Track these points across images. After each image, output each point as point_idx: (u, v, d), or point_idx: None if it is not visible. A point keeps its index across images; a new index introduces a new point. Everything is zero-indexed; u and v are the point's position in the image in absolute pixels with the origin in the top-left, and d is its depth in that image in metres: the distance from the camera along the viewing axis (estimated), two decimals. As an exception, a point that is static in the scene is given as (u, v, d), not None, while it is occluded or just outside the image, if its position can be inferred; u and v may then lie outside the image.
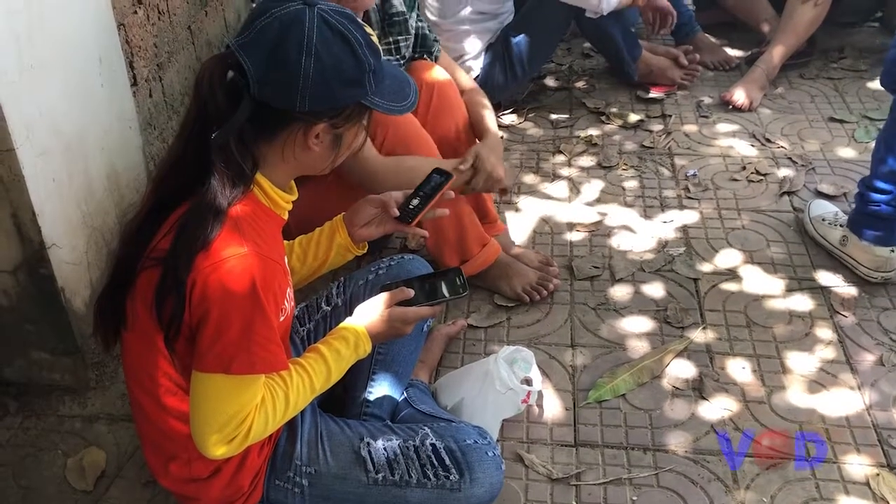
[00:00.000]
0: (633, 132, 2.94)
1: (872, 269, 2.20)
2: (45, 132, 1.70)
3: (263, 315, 1.24)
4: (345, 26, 1.26)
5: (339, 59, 1.25)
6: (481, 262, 2.18)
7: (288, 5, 1.26)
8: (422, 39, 2.18)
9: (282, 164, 1.34)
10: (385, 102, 1.33)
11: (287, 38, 1.23)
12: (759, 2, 3.35)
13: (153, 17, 2.56)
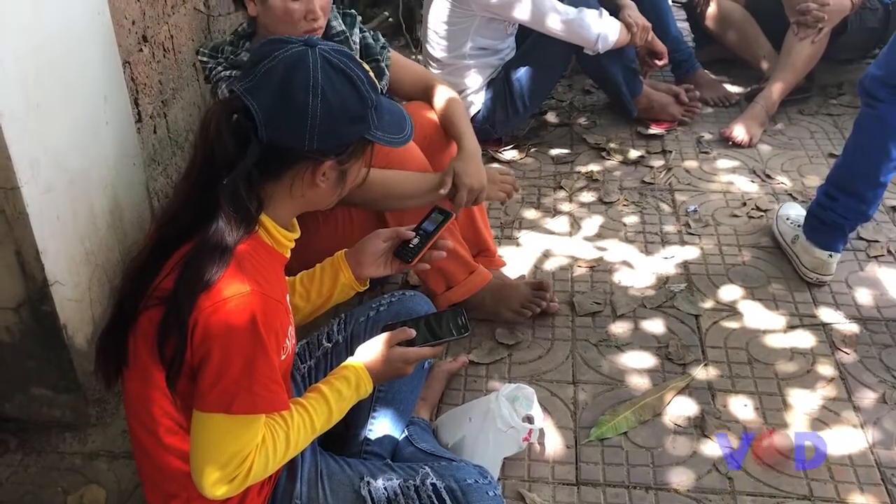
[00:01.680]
0: (633, 168, 2.96)
1: (810, 270, 2.34)
2: (50, 170, 1.71)
3: (265, 354, 1.25)
4: (346, 65, 1.30)
5: (345, 98, 1.29)
6: (468, 288, 2.18)
7: (289, 47, 1.29)
8: (366, 50, 2.14)
9: (287, 203, 1.36)
10: (386, 135, 1.38)
11: (293, 79, 1.26)
12: (758, 39, 3.38)
13: (158, 55, 2.59)
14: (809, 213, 2.34)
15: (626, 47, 2.94)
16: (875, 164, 2.19)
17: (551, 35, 2.81)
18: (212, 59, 1.93)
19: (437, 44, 2.96)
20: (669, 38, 3.28)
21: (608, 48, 2.84)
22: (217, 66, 1.91)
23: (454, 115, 2.15)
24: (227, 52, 1.93)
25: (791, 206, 2.56)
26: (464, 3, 2.82)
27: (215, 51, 1.95)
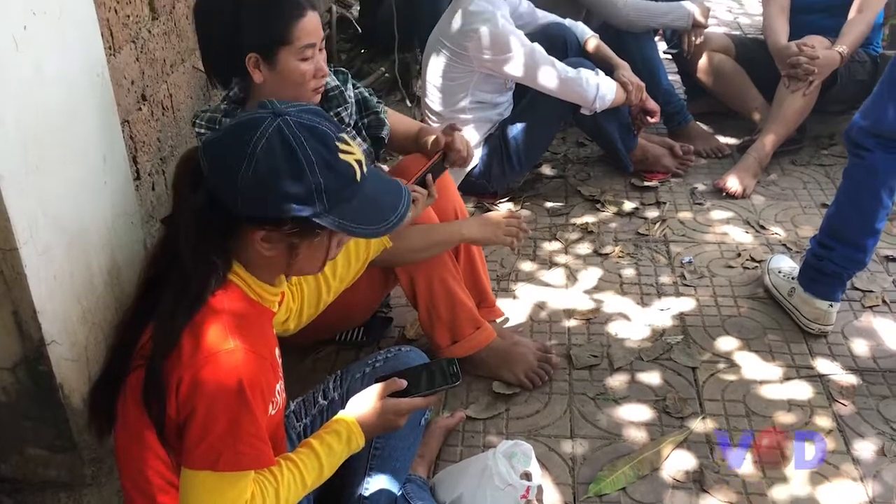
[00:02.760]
0: (628, 219, 2.98)
1: (811, 321, 2.35)
2: (47, 230, 1.73)
3: (250, 412, 1.26)
4: (300, 141, 1.26)
5: (279, 174, 1.25)
6: (474, 343, 2.19)
7: (258, 111, 1.30)
8: (364, 103, 2.19)
9: (254, 260, 1.35)
10: (343, 222, 1.31)
11: (236, 141, 1.26)
12: (749, 91, 3.43)
13: (157, 113, 2.63)
14: (806, 264, 2.36)
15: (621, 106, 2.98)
16: (869, 213, 2.20)
17: (548, 93, 2.85)
18: (209, 131, 1.95)
19: (435, 97, 3.01)
20: (661, 90, 3.33)
21: (605, 108, 2.88)
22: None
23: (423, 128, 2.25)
24: (224, 124, 1.94)
25: (781, 258, 2.58)
26: (462, 58, 2.87)
27: (212, 122, 1.96)
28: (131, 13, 2.45)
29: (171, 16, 2.72)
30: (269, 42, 1.86)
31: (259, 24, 1.86)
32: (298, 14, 1.86)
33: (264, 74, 1.89)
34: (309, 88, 1.92)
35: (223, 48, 1.91)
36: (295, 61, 1.87)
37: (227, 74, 1.98)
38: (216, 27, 1.90)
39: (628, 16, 3.29)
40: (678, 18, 3.33)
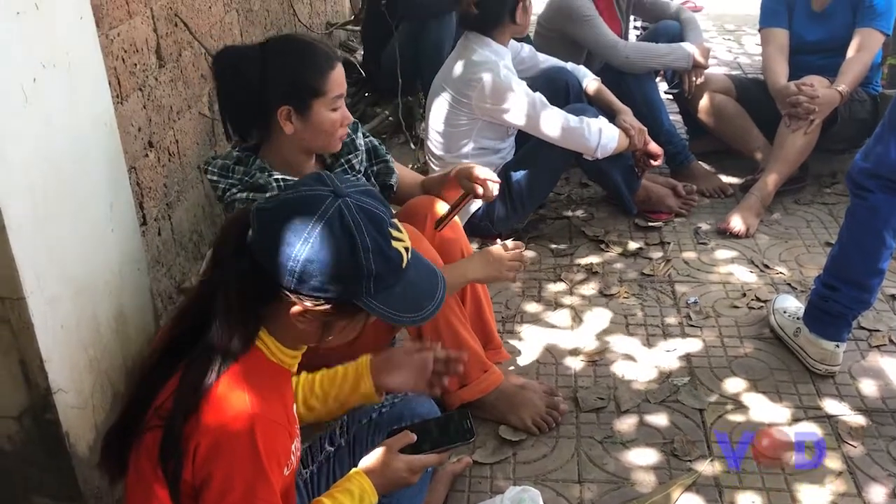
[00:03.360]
0: (632, 260, 2.99)
1: (818, 361, 2.34)
2: (55, 280, 1.73)
3: (265, 480, 1.25)
4: (358, 226, 1.28)
5: (335, 257, 1.26)
6: (482, 387, 2.18)
7: (318, 188, 1.30)
8: (374, 151, 2.24)
9: (286, 328, 1.35)
10: (386, 309, 1.32)
11: (295, 217, 1.27)
12: (751, 131, 3.45)
13: (164, 159, 2.66)
14: (811, 304, 2.35)
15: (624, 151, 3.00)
16: (872, 253, 2.21)
17: (550, 141, 2.87)
18: (223, 179, 1.96)
19: (438, 143, 3.03)
20: (663, 131, 3.36)
21: (607, 154, 2.91)
22: (231, 186, 1.94)
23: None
24: (238, 171, 1.96)
25: (786, 298, 2.58)
26: (465, 105, 2.89)
27: (225, 170, 1.98)
28: (138, 62, 2.48)
29: (177, 63, 2.76)
30: (303, 94, 1.91)
31: (293, 78, 1.91)
32: (330, 66, 1.92)
33: (295, 126, 1.93)
34: (337, 137, 1.99)
35: (250, 102, 1.94)
36: (327, 112, 1.93)
37: (249, 127, 2.00)
38: (243, 82, 1.92)
39: (629, 57, 3.33)
40: (678, 59, 3.37)
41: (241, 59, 1.94)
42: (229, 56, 1.97)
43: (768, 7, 3.42)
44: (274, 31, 3.77)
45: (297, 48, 1.95)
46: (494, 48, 2.90)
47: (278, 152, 1.99)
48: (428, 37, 3.82)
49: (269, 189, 1.89)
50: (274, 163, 1.97)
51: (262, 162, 1.96)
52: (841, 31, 3.25)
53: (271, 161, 1.97)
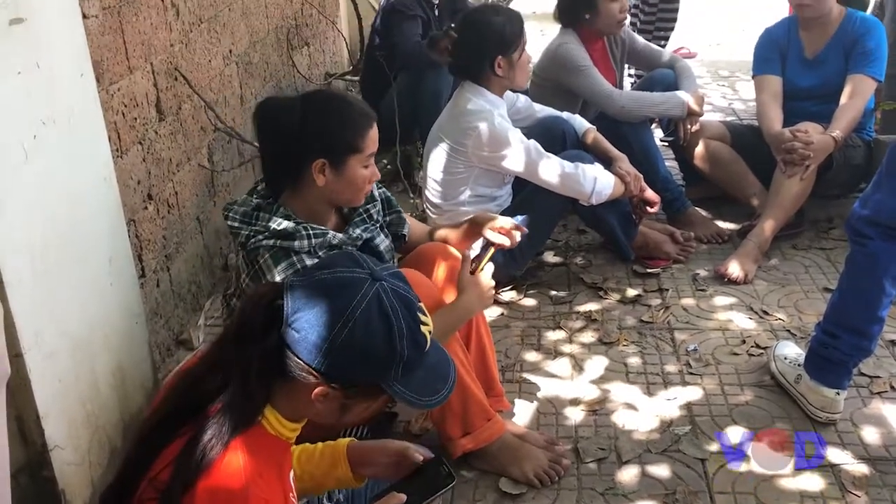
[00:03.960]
0: (631, 307, 2.99)
1: (819, 409, 2.33)
2: (53, 335, 1.74)
3: None
4: (395, 311, 1.28)
5: (372, 341, 1.26)
6: (485, 437, 2.16)
7: (355, 270, 1.31)
8: (388, 202, 2.29)
9: (294, 404, 1.33)
10: (408, 392, 1.32)
11: (334, 299, 1.26)
12: (746, 177, 3.47)
13: (163, 211, 2.67)
14: (811, 351, 2.35)
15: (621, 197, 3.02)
16: (872, 301, 2.21)
17: (547, 187, 2.89)
18: (246, 226, 1.97)
19: (436, 191, 3.05)
20: (659, 177, 3.38)
21: (602, 200, 2.92)
22: (255, 234, 1.94)
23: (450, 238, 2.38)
24: (263, 218, 1.97)
25: (786, 344, 2.57)
26: (462, 154, 2.92)
27: (247, 217, 1.99)
28: (138, 115, 2.51)
29: (177, 116, 2.79)
30: (341, 149, 1.96)
31: (333, 133, 1.96)
32: (368, 125, 1.99)
33: (328, 178, 1.97)
34: (365, 192, 2.06)
35: (287, 153, 1.98)
36: (360, 168, 1.99)
37: (284, 176, 2.02)
38: (282, 133, 1.96)
39: (624, 106, 3.36)
40: (673, 107, 3.40)
41: (281, 110, 1.98)
42: (270, 107, 2.01)
43: (761, 54, 3.47)
44: (273, 82, 3.82)
45: (337, 104, 2.01)
46: (489, 98, 2.93)
47: (303, 201, 2.02)
48: (425, 87, 3.86)
49: (297, 237, 1.92)
50: (297, 211, 1.99)
51: (286, 209, 1.98)
52: (834, 78, 3.29)
53: (294, 209, 2.00)
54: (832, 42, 3.31)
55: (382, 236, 2.20)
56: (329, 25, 4.74)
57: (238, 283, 1.97)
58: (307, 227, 1.94)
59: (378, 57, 4.04)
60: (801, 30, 3.37)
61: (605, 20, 3.44)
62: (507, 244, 2.22)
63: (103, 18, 2.29)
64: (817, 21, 3.31)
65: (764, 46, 3.47)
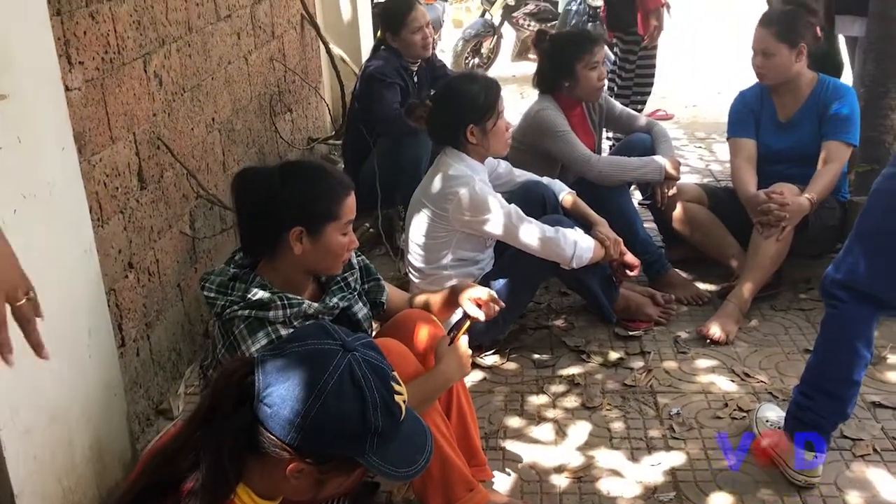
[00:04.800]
0: (614, 370, 2.99)
1: (797, 472, 2.31)
2: (29, 410, 1.72)
3: None
4: (368, 382, 1.28)
5: (345, 414, 1.26)
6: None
7: (327, 341, 1.31)
8: (366, 269, 2.29)
9: (267, 481, 1.33)
10: (384, 465, 1.32)
11: (306, 373, 1.26)
12: (724, 239, 3.51)
13: (143, 279, 2.66)
14: (790, 414, 2.35)
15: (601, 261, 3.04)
16: (847, 365, 2.22)
17: (528, 251, 2.91)
18: (221, 296, 1.97)
19: (418, 255, 3.06)
20: (639, 241, 3.41)
21: (583, 264, 2.95)
22: (231, 304, 1.94)
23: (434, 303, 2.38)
24: (238, 288, 1.97)
25: (769, 407, 2.57)
26: (443, 218, 2.94)
27: (223, 287, 1.99)
28: (120, 185, 2.52)
29: (159, 184, 2.80)
30: (318, 217, 1.97)
31: (310, 201, 1.97)
32: (346, 193, 2.01)
33: (305, 247, 1.98)
34: (344, 260, 2.06)
35: (265, 222, 1.99)
36: (338, 235, 2.00)
37: (262, 245, 2.03)
38: (260, 202, 1.98)
39: (602, 171, 3.41)
40: (650, 172, 3.45)
41: (259, 180, 2.00)
42: (248, 177, 2.03)
43: (735, 117, 3.54)
44: (256, 148, 3.85)
45: (314, 172, 2.04)
46: (470, 163, 2.97)
47: (280, 270, 2.02)
48: (406, 152, 3.90)
49: (272, 307, 1.91)
50: (274, 280, 1.99)
51: (262, 279, 1.98)
52: (807, 141, 3.34)
53: (271, 278, 2.00)
54: (805, 107, 3.38)
55: (360, 304, 2.20)
56: (311, 91, 4.80)
57: (214, 354, 1.97)
58: (283, 297, 1.94)
59: (359, 123, 4.10)
60: (773, 94, 3.44)
61: (584, 88, 3.51)
62: (481, 318, 2.23)
63: (86, 90, 2.31)
64: (786, 87, 3.38)
65: (738, 110, 3.54)
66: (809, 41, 3.29)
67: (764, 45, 3.31)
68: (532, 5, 7.44)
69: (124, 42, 2.55)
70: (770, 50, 3.29)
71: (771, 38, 3.28)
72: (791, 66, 3.30)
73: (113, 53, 2.48)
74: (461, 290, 2.28)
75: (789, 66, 3.30)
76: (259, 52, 3.91)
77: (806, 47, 3.27)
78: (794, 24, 3.28)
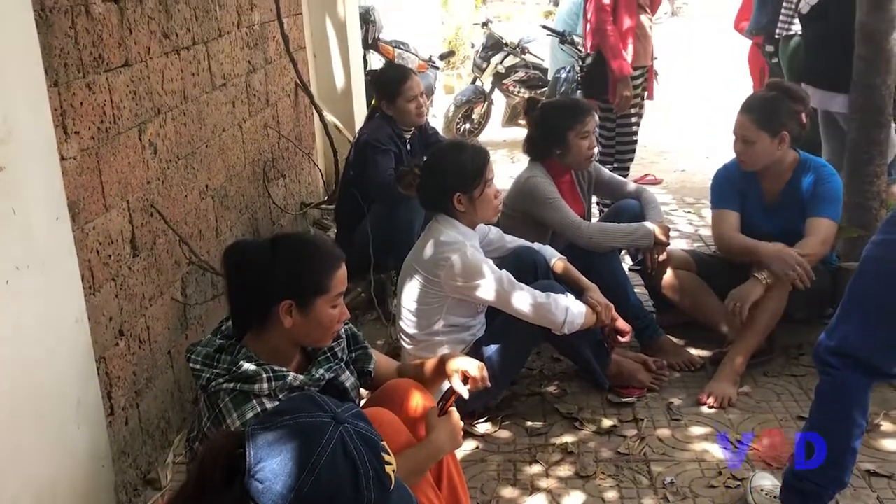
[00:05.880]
0: (607, 438, 2.96)
1: None
2: (16, 480, 1.69)
3: None
4: (360, 455, 1.29)
5: (339, 488, 1.26)
6: None
7: (318, 414, 1.30)
8: (354, 338, 2.28)
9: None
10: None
11: (298, 447, 1.26)
12: (714, 305, 3.50)
13: (134, 347, 2.65)
14: (786, 483, 2.33)
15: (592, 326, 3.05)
16: (843, 432, 2.21)
17: (520, 317, 2.92)
18: (207, 368, 1.96)
19: (409, 321, 3.06)
20: (630, 306, 3.41)
21: (574, 330, 2.95)
22: (217, 376, 1.93)
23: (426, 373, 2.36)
24: (224, 360, 1.96)
25: (763, 476, 2.55)
26: (435, 284, 2.95)
27: (209, 359, 1.98)
28: (113, 252, 2.53)
29: (151, 251, 2.81)
30: (308, 291, 1.97)
31: (299, 275, 1.97)
32: (336, 266, 2.01)
33: (294, 320, 1.97)
34: (333, 332, 2.05)
35: (254, 295, 1.98)
36: (328, 308, 1.99)
37: (251, 318, 2.02)
38: (250, 275, 1.98)
39: (592, 237, 3.43)
40: (640, 238, 3.48)
41: (249, 252, 2.00)
42: (239, 250, 2.04)
43: (719, 190, 3.52)
44: (249, 214, 3.87)
45: (304, 245, 2.04)
46: (461, 229, 2.99)
47: (268, 342, 2.01)
48: (398, 217, 3.93)
49: (257, 380, 1.90)
50: (260, 351, 1.98)
51: (249, 350, 1.97)
52: (794, 225, 3.32)
53: (258, 349, 1.98)
54: (787, 188, 3.37)
55: (347, 373, 2.19)
56: (305, 157, 4.85)
57: (200, 427, 1.94)
58: (268, 370, 1.92)
59: (352, 188, 4.13)
60: (758, 175, 3.43)
61: (575, 156, 3.56)
62: (465, 396, 2.22)
63: (81, 159, 2.33)
64: (769, 170, 3.37)
65: (721, 183, 3.52)
66: (793, 128, 3.25)
67: (744, 131, 3.28)
68: (522, 73, 7.57)
69: (120, 111, 2.58)
70: (750, 137, 3.27)
71: (751, 125, 3.25)
72: (772, 154, 3.28)
73: (109, 123, 2.51)
74: (449, 362, 2.27)
75: (770, 154, 3.28)
76: (253, 120, 3.96)
77: (788, 135, 3.24)
78: (775, 111, 3.25)
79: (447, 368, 2.26)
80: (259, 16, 4.03)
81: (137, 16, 2.71)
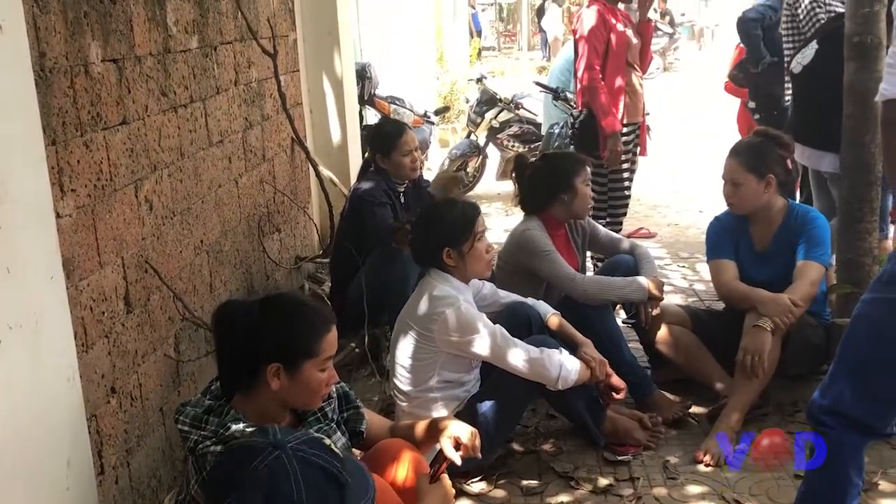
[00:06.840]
0: (603, 497, 2.93)
1: None
2: (3, 547, 1.67)
3: None
4: (319, 456, 1.36)
5: (319, 482, 1.32)
6: None
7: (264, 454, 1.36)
8: (345, 398, 2.28)
9: None
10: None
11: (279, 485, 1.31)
12: (708, 362, 3.50)
13: (125, 404, 2.63)
14: None
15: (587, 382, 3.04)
16: (839, 491, 2.20)
17: (514, 372, 2.91)
18: (195, 430, 1.94)
19: (403, 377, 3.05)
20: (624, 362, 3.40)
21: (568, 386, 2.94)
22: (204, 439, 1.91)
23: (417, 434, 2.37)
24: (212, 423, 1.95)
25: None
26: (429, 339, 2.94)
27: (197, 420, 1.97)
28: (106, 309, 2.52)
29: (145, 308, 2.80)
30: (296, 354, 1.97)
31: (288, 338, 1.97)
32: (326, 329, 2.01)
33: (282, 383, 1.97)
34: (322, 395, 2.05)
35: (242, 357, 1.98)
36: (316, 372, 1.99)
37: (239, 381, 2.01)
38: (238, 337, 1.97)
39: (586, 291, 3.44)
40: (633, 292, 3.48)
41: (238, 314, 2.00)
42: (229, 311, 2.03)
43: (714, 241, 3.58)
44: (243, 269, 3.87)
45: (294, 308, 2.04)
46: (455, 284, 3.00)
47: (257, 403, 2.00)
48: (393, 271, 3.93)
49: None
50: (249, 413, 1.97)
51: (237, 413, 1.96)
52: (786, 272, 3.37)
53: (246, 411, 1.97)
54: (778, 235, 3.45)
55: (339, 434, 2.18)
56: (300, 211, 4.87)
57: (188, 490, 1.92)
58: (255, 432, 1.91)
59: (347, 241, 4.14)
60: (749, 223, 3.51)
61: (580, 203, 3.61)
62: (458, 463, 2.22)
63: (77, 217, 2.34)
64: (758, 216, 3.45)
65: (716, 234, 3.59)
66: (779, 172, 3.40)
67: (732, 174, 3.42)
68: (516, 127, 7.66)
69: (117, 169, 2.60)
70: (738, 179, 3.40)
71: (739, 167, 3.40)
72: (759, 196, 3.40)
73: (105, 180, 2.52)
74: (442, 426, 2.26)
75: (757, 196, 3.40)
76: (249, 175, 3.98)
77: (775, 178, 3.37)
78: (762, 155, 3.39)
79: (439, 433, 2.25)
80: (256, 73, 4.08)
81: (136, 74, 2.74)
